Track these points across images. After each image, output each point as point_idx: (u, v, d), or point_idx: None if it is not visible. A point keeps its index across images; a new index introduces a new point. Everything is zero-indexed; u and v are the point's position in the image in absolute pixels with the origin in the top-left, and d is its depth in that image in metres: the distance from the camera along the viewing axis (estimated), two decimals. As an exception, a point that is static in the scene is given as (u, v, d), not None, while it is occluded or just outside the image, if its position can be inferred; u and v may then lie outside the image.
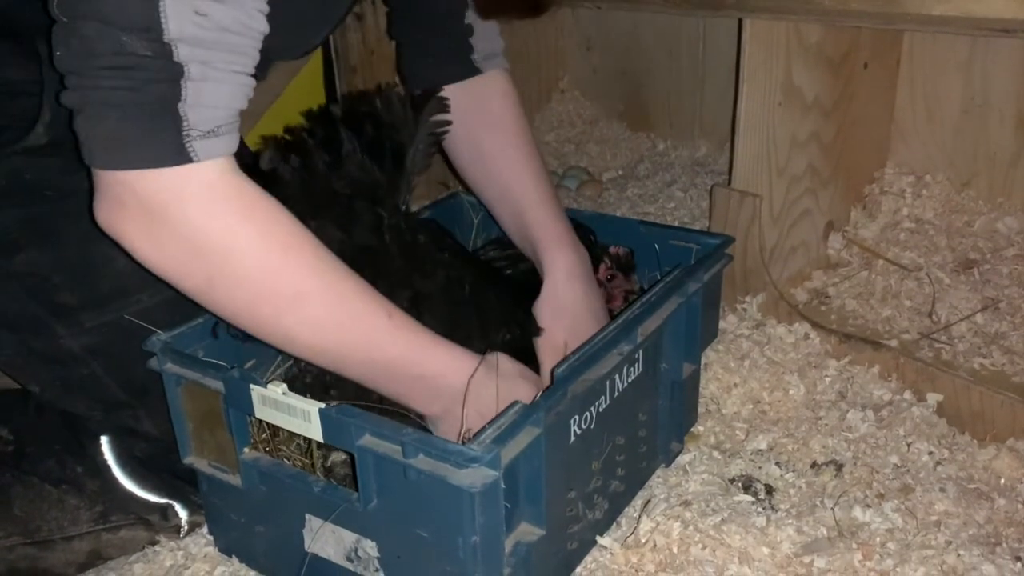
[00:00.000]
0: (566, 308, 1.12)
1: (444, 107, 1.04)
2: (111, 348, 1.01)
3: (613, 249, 1.23)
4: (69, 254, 0.98)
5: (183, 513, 1.07)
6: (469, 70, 1.22)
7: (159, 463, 1.07)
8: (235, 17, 0.75)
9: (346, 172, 0.94)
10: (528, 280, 1.16)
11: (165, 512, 1.07)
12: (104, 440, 1.05)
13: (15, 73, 0.95)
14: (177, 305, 0.94)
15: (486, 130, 1.20)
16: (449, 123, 1.05)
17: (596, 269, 1.22)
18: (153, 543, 1.07)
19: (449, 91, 1.10)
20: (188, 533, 1.08)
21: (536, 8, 1.11)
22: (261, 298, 0.83)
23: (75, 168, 0.80)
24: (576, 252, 1.16)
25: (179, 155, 0.75)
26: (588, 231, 1.24)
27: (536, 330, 1.09)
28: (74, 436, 1.05)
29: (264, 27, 0.79)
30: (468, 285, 1.04)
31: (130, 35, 0.72)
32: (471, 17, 1.21)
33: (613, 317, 1.03)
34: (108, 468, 1.05)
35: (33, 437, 1.06)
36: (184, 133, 0.74)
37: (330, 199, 0.93)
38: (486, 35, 1.24)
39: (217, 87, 0.76)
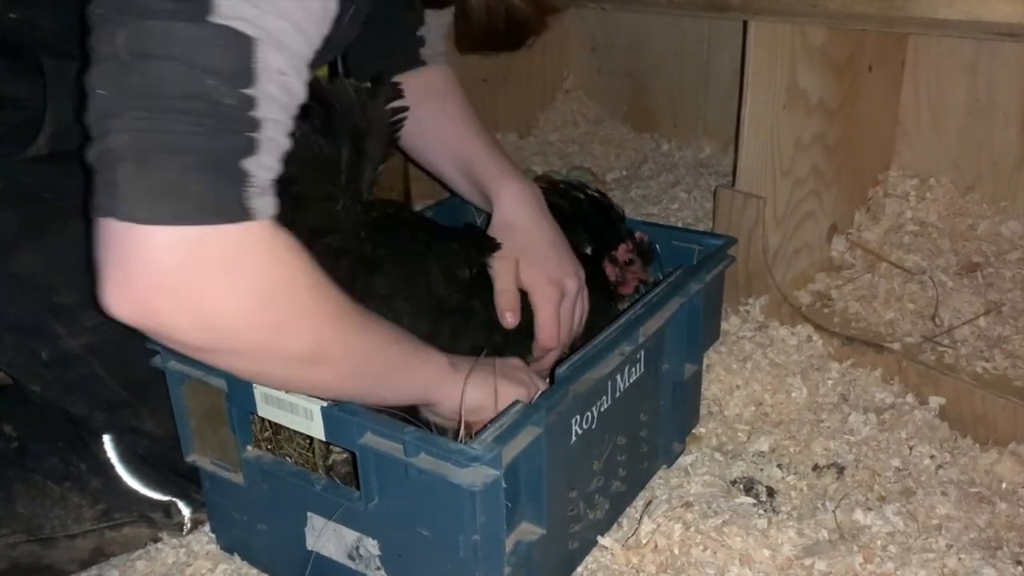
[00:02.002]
0: (515, 227, 1.11)
1: (398, 93, 1.02)
2: (111, 347, 1.01)
3: (639, 234, 1.23)
4: (67, 254, 0.96)
5: (186, 511, 1.08)
6: (415, 61, 1.24)
7: (162, 461, 1.07)
8: (303, 85, 0.73)
9: (299, 155, 0.83)
10: None
11: (168, 510, 1.07)
12: (107, 439, 1.06)
13: (16, 89, 0.95)
14: None
15: (428, 100, 1.21)
16: (406, 109, 1.03)
17: (616, 248, 1.21)
18: (156, 540, 1.07)
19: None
20: (191, 531, 1.08)
21: (517, 44, 1.11)
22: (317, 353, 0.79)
23: (74, 171, 0.75)
24: (524, 182, 1.15)
25: (244, 212, 0.69)
26: (620, 214, 1.24)
27: (493, 244, 1.08)
28: (77, 433, 1.06)
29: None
30: (425, 242, 1.04)
31: (216, 79, 0.66)
32: (416, 21, 1.24)
33: (618, 313, 1.03)
34: (111, 466, 1.06)
35: (36, 434, 1.06)
36: (248, 189, 0.69)
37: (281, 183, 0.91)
38: (432, 36, 1.26)
39: (279, 147, 0.72)
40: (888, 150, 1.62)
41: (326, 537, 0.91)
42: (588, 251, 1.21)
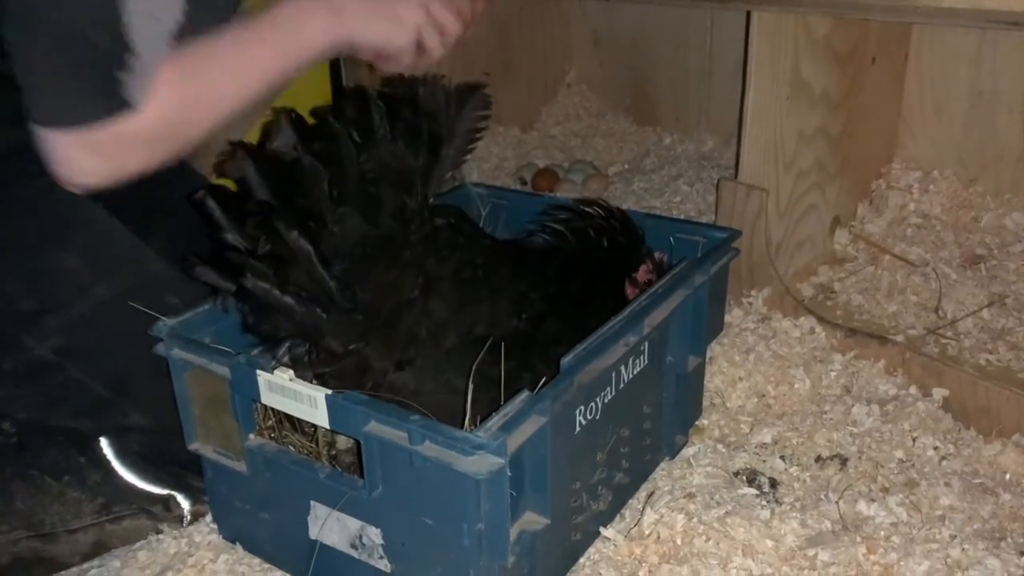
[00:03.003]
0: None
1: (487, 103, 1.02)
2: (81, 346, 1.02)
3: (659, 255, 1.22)
4: (17, 260, 1.00)
5: (185, 503, 1.08)
6: None
7: (158, 455, 1.07)
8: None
9: (377, 155, 0.91)
10: (563, 256, 1.15)
11: (167, 503, 1.07)
12: (103, 440, 1.06)
13: None
14: (136, 293, 1.01)
15: None
16: (488, 117, 1.03)
17: (636, 269, 1.21)
18: (157, 532, 1.07)
19: None
20: (192, 523, 1.08)
21: None
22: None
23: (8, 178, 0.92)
24: None
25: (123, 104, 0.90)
26: (634, 226, 1.22)
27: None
28: (75, 430, 1.06)
29: None
30: (481, 269, 1.03)
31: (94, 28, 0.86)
32: None
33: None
34: (108, 462, 1.06)
35: (36, 429, 1.06)
36: (121, 90, 0.90)
37: (355, 185, 0.91)
38: None
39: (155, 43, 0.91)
40: (891, 142, 1.62)
41: (329, 526, 0.91)
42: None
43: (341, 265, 0.90)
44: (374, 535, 0.88)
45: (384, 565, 0.89)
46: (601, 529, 1.01)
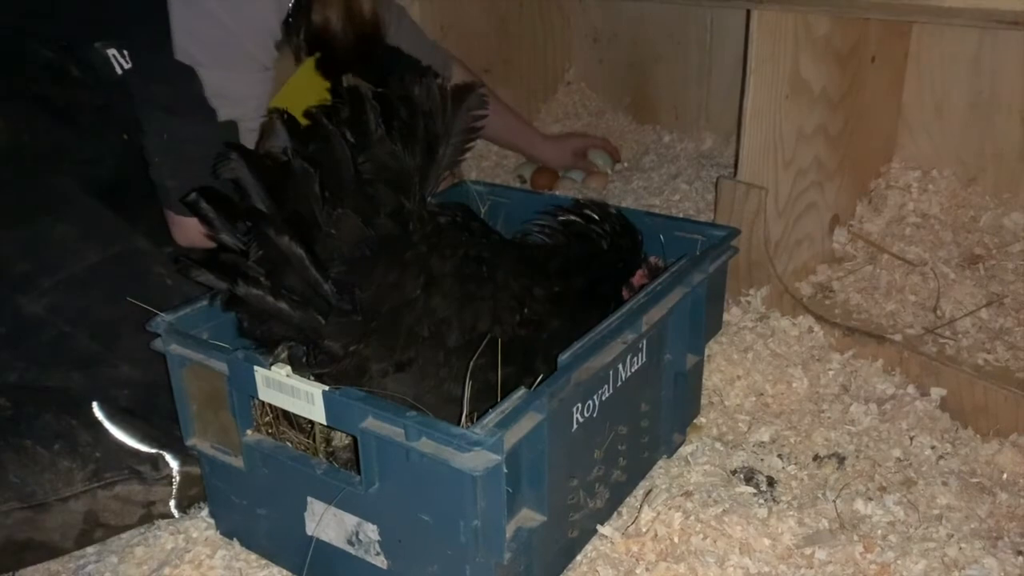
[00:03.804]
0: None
1: (483, 102, 1.02)
2: (72, 302, 1.11)
3: (653, 259, 1.22)
4: (17, 224, 1.14)
5: (173, 463, 1.08)
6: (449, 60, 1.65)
7: (146, 408, 1.09)
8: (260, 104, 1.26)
9: (373, 156, 0.91)
10: (556, 255, 1.15)
11: (156, 463, 1.08)
12: (94, 403, 1.07)
13: None
14: (123, 261, 1.15)
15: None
16: (485, 116, 1.03)
17: (633, 271, 1.21)
18: (149, 504, 1.07)
19: None
20: (180, 485, 1.08)
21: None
22: None
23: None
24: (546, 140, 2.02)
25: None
26: (636, 232, 1.22)
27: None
28: (70, 397, 1.07)
29: None
30: (485, 265, 1.03)
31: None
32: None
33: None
34: (100, 422, 1.07)
35: (29, 394, 1.07)
36: None
37: (353, 187, 0.91)
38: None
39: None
40: (890, 141, 1.62)
41: (326, 522, 0.91)
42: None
43: (339, 267, 0.90)
44: (371, 531, 0.88)
45: (380, 561, 0.89)
46: (598, 527, 1.01)
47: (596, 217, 1.19)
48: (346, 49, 1.37)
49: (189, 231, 1.24)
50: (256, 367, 0.87)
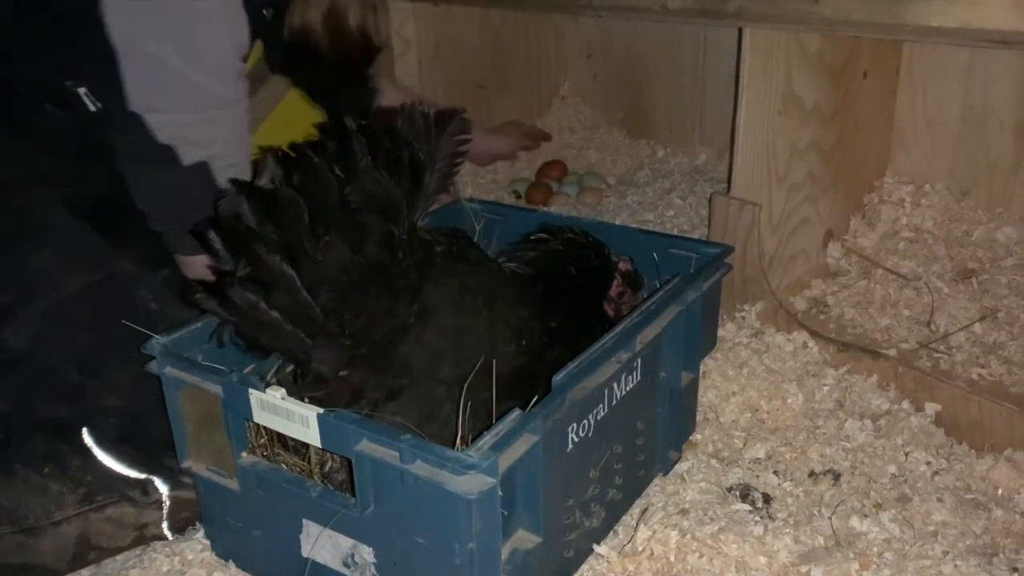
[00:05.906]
0: None
1: (466, 127, 1.02)
2: (54, 334, 1.10)
3: (622, 265, 1.22)
4: None
5: (163, 488, 1.08)
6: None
7: (134, 436, 1.08)
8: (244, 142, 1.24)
9: (360, 186, 0.91)
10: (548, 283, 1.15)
11: (145, 487, 1.07)
12: (84, 430, 1.07)
13: None
14: (106, 287, 1.13)
15: None
16: (469, 141, 1.04)
17: (609, 285, 1.22)
18: (141, 527, 1.07)
19: None
20: (171, 510, 1.08)
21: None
22: None
23: None
24: None
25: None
26: (601, 246, 1.23)
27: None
28: (59, 424, 1.07)
29: None
30: (481, 296, 1.03)
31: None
32: None
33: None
34: (89, 448, 1.07)
35: (20, 424, 1.07)
36: None
37: (340, 215, 0.91)
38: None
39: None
40: (883, 156, 1.63)
41: (321, 544, 0.91)
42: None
43: (327, 293, 0.90)
44: (366, 553, 0.88)
45: (376, 583, 0.89)
46: (594, 546, 1.01)
47: (562, 240, 1.20)
48: (331, 66, 1.34)
49: (197, 269, 1.21)
50: (251, 390, 0.88)
